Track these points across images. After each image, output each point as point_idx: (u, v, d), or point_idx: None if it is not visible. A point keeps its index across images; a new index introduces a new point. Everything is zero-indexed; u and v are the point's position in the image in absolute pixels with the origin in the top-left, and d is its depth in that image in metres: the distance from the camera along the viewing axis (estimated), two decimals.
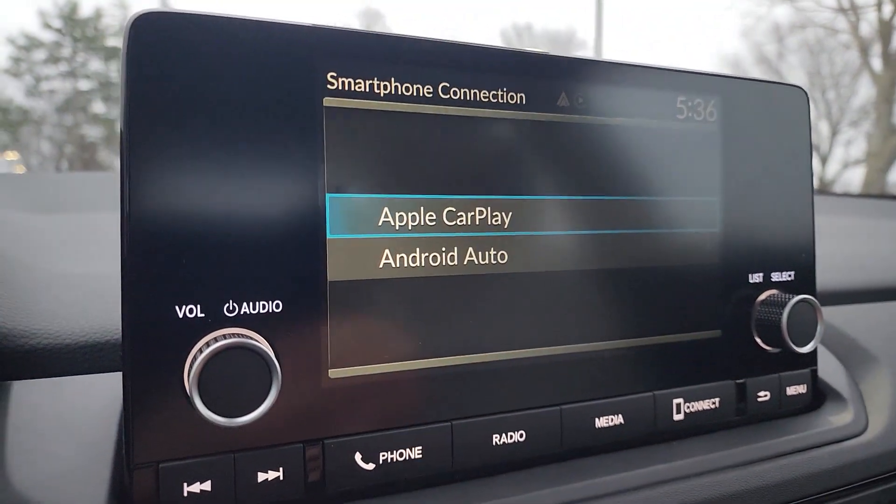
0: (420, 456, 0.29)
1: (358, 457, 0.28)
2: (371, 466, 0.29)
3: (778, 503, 0.33)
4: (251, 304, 0.26)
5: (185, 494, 0.25)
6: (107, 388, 0.30)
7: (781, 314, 0.37)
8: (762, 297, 0.38)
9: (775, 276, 0.39)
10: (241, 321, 0.26)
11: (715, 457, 0.34)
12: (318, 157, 0.27)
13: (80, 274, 0.40)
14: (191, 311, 0.25)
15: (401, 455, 0.29)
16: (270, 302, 0.27)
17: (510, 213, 0.32)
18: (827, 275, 0.55)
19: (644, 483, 0.31)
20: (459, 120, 0.31)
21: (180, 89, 0.25)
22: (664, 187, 0.36)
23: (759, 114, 0.39)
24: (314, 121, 0.27)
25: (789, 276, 0.40)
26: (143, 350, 0.25)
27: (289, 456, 0.27)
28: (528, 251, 0.32)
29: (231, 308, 0.26)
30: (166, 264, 0.25)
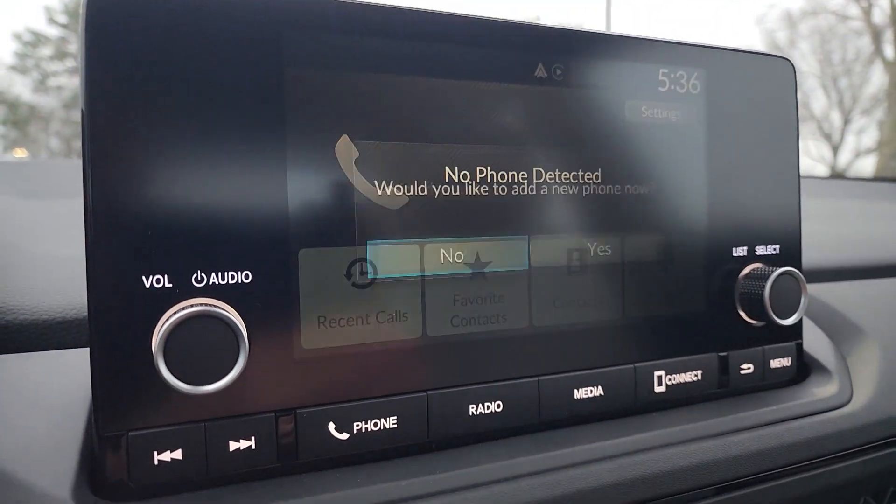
0: (395, 426, 0.29)
1: (332, 426, 0.28)
2: (345, 436, 0.29)
3: (757, 472, 0.33)
4: (220, 274, 0.26)
5: (156, 463, 0.26)
6: (82, 362, 0.30)
7: (764, 287, 0.36)
8: (746, 270, 0.38)
9: (760, 250, 0.39)
10: (210, 291, 0.26)
11: (694, 426, 0.33)
12: (282, 128, 0.27)
13: (61, 256, 0.40)
14: (158, 281, 0.25)
15: (375, 425, 0.29)
16: (240, 273, 0.27)
17: (487, 182, 0.32)
18: (821, 253, 0.54)
19: (619, 452, 0.31)
20: (431, 87, 0.30)
21: (141, 64, 0.25)
22: (647, 161, 0.36)
23: (745, 86, 0.39)
24: (278, 91, 0.27)
25: (774, 249, 0.39)
26: (110, 320, 0.25)
27: (261, 425, 0.27)
28: (507, 222, 0.32)
29: (199, 278, 0.26)
30: (132, 235, 0.25)
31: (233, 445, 0.27)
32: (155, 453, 0.25)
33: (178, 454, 0.26)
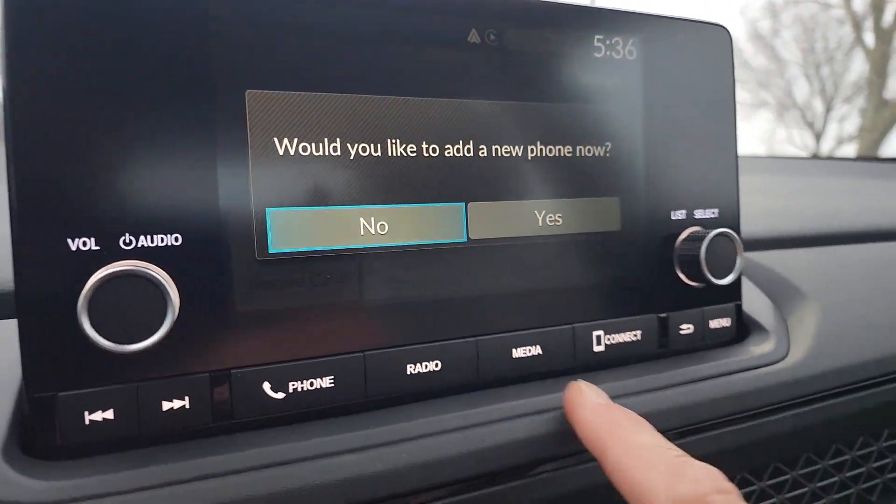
0: (332, 385, 0.30)
1: (267, 386, 0.29)
2: (280, 395, 0.29)
3: (690, 423, 0.34)
4: (149, 237, 0.27)
5: (87, 423, 0.26)
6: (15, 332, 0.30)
7: (700, 248, 0.37)
8: (684, 234, 0.39)
9: (698, 214, 0.40)
10: (139, 254, 0.27)
11: (630, 382, 0.34)
12: (210, 93, 0.28)
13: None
14: (84, 243, 0.26)
15: (311, 384, 0.30)
16: (169, 235, 0.27)
17: (424, 147, 0.32)
18: (773, 224, 0.55)
19: (556, 406, 0.32)
20: (366, 51, 0.31)
21: (59, 25, 0.25)
22: (583, 127, 0.36)
23: (682, 53, 0.40)
24: (205, 56, 0.28)
25: (713, 213, 0.40)
26: (36, 283, 0.25)
27: (195, 385, 0.28)
28: (445, 188, 0.33)
29: (128, 241, 0.27)
30: (57, 198, 0.25)
31: (166, 405, 0.27)
32: (86, 413, 0.26)
33: (109, 414, 0.26)
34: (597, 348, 0.36)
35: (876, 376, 0.41)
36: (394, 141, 0.32)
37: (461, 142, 0.33)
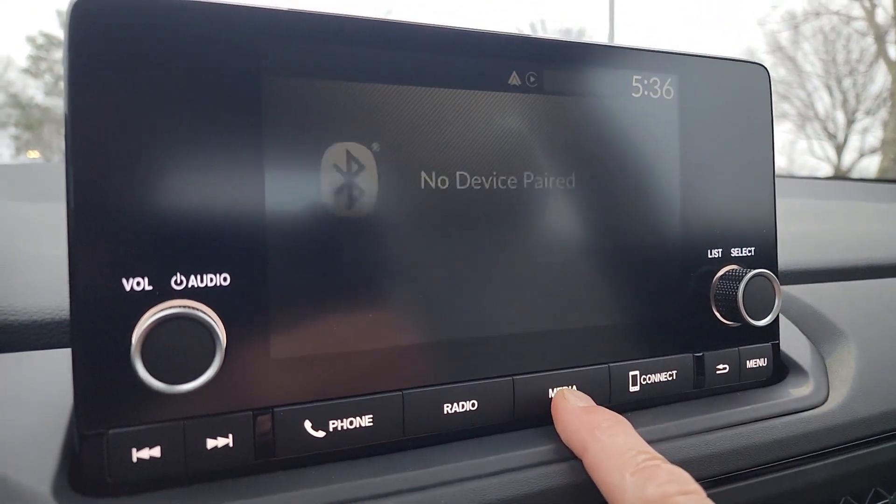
0: (370, 424, 0.30)
1: (308, 424, 0.29)
2: (321, 434, 0.30)
3: (730, 471, 0.34)
4: (199, 276, 0.27)
5: (135, 460, 0.26)
6: (67, 361, 0.31)
7: (738, 288, 0.37)
8: (721, 272, 0.38)
9: (735, 252, 0.39)
10: (190, 293, 0.27)
11: (667, 425, 0.34)
12: (260, 134, 0.28)
13: (57, 256, 0.41)
14: (138, 284, 0.26)
15: (351, 423, 0.30)
16: (218, 275, 0.28)
17: (468, 189, 0.32)
18: (805, 255, 0.55)
19: None
20: (406, 95, 0.31)
21: (123, 69, 0.26)
22: (622, 166, 0.36)
23: (719, 91, 0.39)
24: (255, 96, 0.28)
25: (749, 251, 0.40)
26: (90, 321, 0.26)
27: (238, 423, 0.28)
28: (481, 231, 0.33)
29: (179, 281, 0.27)
30: (113, 238, 0.26)
31: (210, 443, 0.28)
32: (134, 451, 0.26)
33: (156, 452, 0.27)
34: (632, 388, 0.36)
35: None
36: (433, 180, 0.32)
37: (500, 181, 0.33)
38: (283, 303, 0.29)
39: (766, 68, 0.41)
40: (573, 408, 0.32)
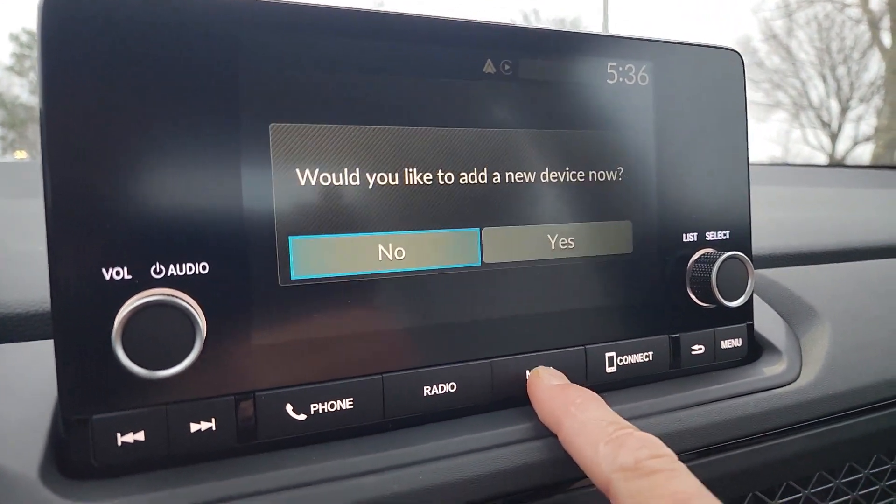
0: (351, 407, 0.31)
1: (289, 408, 0.30)
2: (303, 417, 0.30)
3: (703, 445, 0.35)
4: (178, 265, 0.28)
5: (119, 444, 0.27)
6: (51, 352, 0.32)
7: (712, 270, 0.38)
8: (696, 255, 0.39)
9: (710, 236, 0.40)
10: (169, 282, 0.28)
11: (643, 403, 0.35)
12: (236, 126, 0.29)
13: (41, 252, 0.41)
14: (118, 273, 0.27)
15: (332, 406, 0.31)
16: (197, 264, 0.28)
17: (440, 176, 0.33)
18: (782, 239, 0.56)
19: None
20: (385, 83, 0.32)
21: (97, 60, 0.27)
22: (598, 153, 0.37)
23: (694, 77, 0.40)
24: (232, 87, 0.29)
25: (724, 235, 0.41)
26: (72, 311, 0.26)
27: (220, 407, 0.29)
28: (460, 214, 0.34)
29: (158, 270, 0.28)
30: (92, 229, 0.27)
31: (194, 427, 0.28)
32: (118, 435, 0.27)
33: (140, 436, 0.27)
34: (609, 369, 0.37)
35: (889, 397, 0.41)
36: (411, 170, 0.33)
37: (476, 169, 0.34)
38: (262, 290, 0.30)
39: (739, 54, 0.42)
40: (547, 385, 0.33)
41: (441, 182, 0.33)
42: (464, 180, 0.34)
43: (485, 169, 0.34)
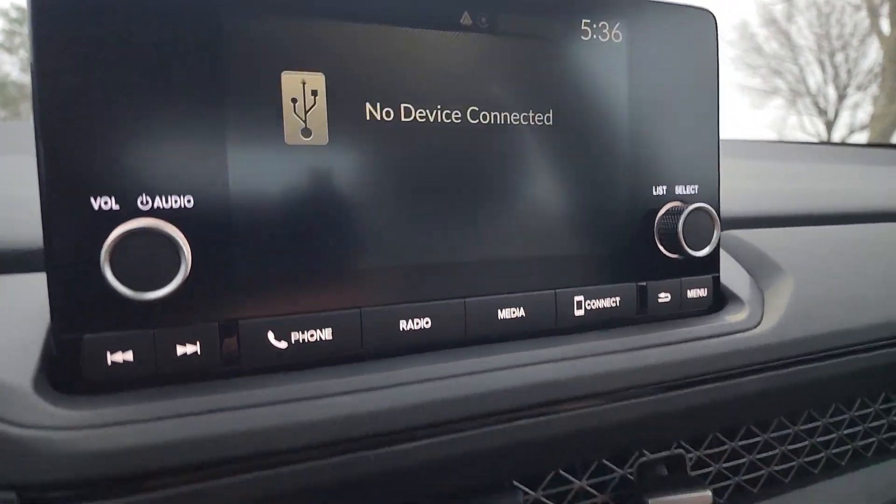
0: (330, 337, 0.33)
1: (271, 335, 0.32)
2: (284, 345, 0.32)
3: (662, 380, 0.37)
4: (164, 198, 0.30)
5: (109, 364, 0.29)
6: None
7: (678, 221, 0.40)
8: (664, 208, 0.41)
9: (679, 190, 0.42)
10: (155, 213, 0.29)
11: (608, 342, 0.37)
12: (221, 62, 0.30)
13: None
14: (105, 203, 0.29)
15: (312, 335, 0.33)
16: (182, 197, 0.30)
17: (419, 122, 0.35)
18: (757, 205, 0.58)
19: (538, 360, 0.35)
20: (362, 33, 0.33)
21: (87, 4, 0.28)
22: (572, 106, 0.39)
23: (667, 36, 0.42)
24: (215, 32, 0.30)
25: (693, 189, 0.42)
26: (62, 238, 0.28)
27: (205, 333, 0.31)
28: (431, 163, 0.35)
29: (144, 201, 0.29)
30: (80, 160, 0.28)
31: (180, 350, 0.30)
32: (108, 354, 0.29)
33: (129, 356, 0.29)
34: (577, 312, 0.39)
35: (844, 346, 0.43)
36: (396, 117, 0.34)
37: (448, 110, 0.36)
38: (245, 224, 0.31)
39: (713, 14, 0.43)
40: None
41: (419, 119, 0.35)
42: (438, 119, 0.35)
43: (453, 115, 0.36)
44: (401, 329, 0.35)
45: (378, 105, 0.34)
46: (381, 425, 0.30)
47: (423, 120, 0.35)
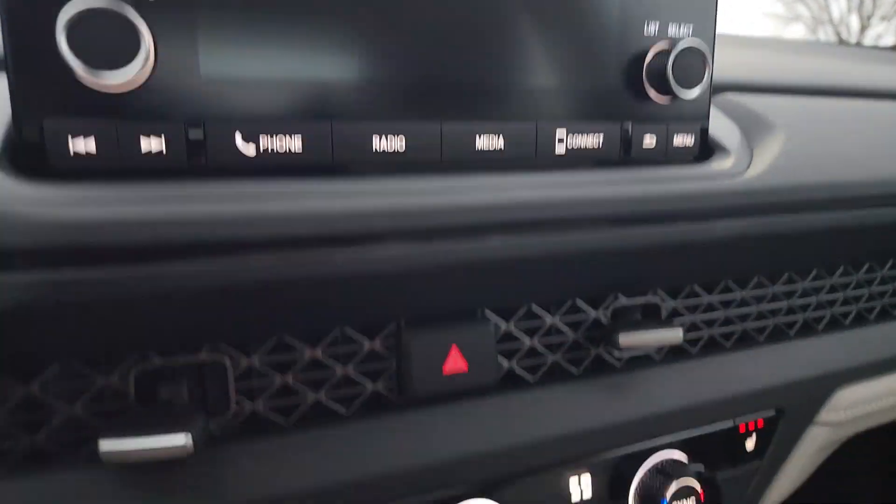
0: (300, 148, 0.32)
1: (238, 136, 0.31)
2: (252, 149, 0.31)
3: (639, 213, 0.36)
4: None
5: (72, 154, 0.28)
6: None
7: (668, 58, 0.38)
8: (656, 46, 0.39)
9: (672, 29, 0.40)
10: None
11: (589, 177, 0.36)
12: None
13: None
14: None
15: (280, 143, 0.32)
16: None
17: None
18: (761, 73, 0.55)
19: (515, 185, 0.34)
20: None
21: None
22: None
23: None
24: None
25: (687, 29, 0.40)
26: (18, 17, 0.27)
27: (170, 129, 0.30)
28: None
29: None
30: None
31: (144, 144, 0.29)
32: (69, 138, 0.28)
33: (91, 146, 0.29)
34: (559, 149, 0.38)
35: (828, 198, 0.43)
36: None
37: None
38: (211, 22, 0.30)
39: None
40: None
41: None
42: None
43: None
44: (374, 149, 0.34)
45: None
46: (347, 224, 0.30)
47: None
